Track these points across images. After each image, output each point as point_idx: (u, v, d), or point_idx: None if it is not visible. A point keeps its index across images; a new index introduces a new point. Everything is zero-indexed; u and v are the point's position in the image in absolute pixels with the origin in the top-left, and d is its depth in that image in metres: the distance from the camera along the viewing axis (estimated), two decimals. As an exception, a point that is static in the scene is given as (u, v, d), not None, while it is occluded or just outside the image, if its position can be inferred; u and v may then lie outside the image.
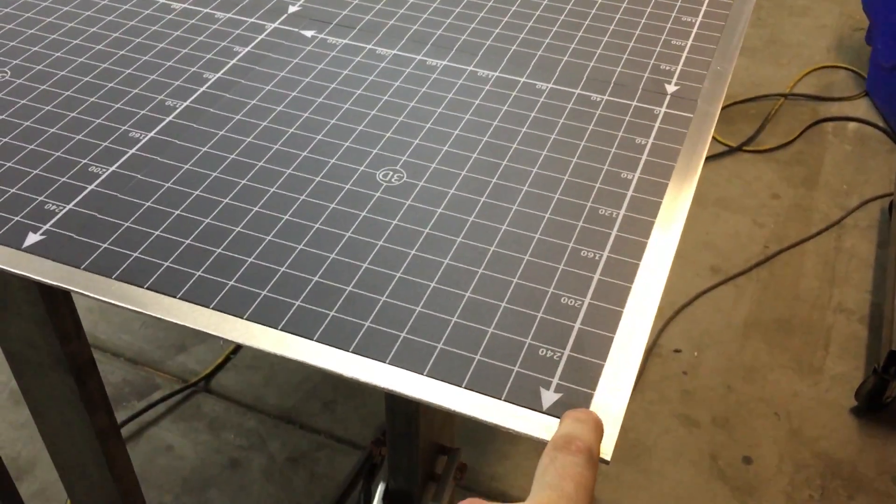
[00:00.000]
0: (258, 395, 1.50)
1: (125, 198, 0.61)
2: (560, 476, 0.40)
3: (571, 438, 0.42)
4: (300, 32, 0.79)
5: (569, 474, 0.40)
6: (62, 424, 0.83)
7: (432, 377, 0.50)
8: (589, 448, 0.42)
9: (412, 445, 0.69)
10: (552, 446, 0.43)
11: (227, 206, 0.61)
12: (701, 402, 1.49)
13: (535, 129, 0.68)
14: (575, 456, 0.41)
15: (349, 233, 0.59)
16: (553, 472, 0.40)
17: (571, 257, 0.57)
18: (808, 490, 1.36)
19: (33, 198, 0.61)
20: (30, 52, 0.76)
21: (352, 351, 0.51)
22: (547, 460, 0.41)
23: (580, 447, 0.42)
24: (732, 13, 0.81)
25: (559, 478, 0.40)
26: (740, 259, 1.75)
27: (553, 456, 0.42)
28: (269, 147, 0.66)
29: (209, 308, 0.54)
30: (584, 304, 0.54)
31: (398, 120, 0.69)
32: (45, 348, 0.75)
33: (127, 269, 0.56)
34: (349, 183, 0.63)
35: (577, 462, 0.41)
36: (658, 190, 0.62)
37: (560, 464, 0.41)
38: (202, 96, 0.71)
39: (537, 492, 0.40)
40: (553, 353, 0.51)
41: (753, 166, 1.98)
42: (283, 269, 0.56)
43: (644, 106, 0.70)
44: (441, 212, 0.60)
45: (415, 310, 0.54)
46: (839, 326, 1.62)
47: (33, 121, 0.68)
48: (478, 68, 0.74)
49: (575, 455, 0.41)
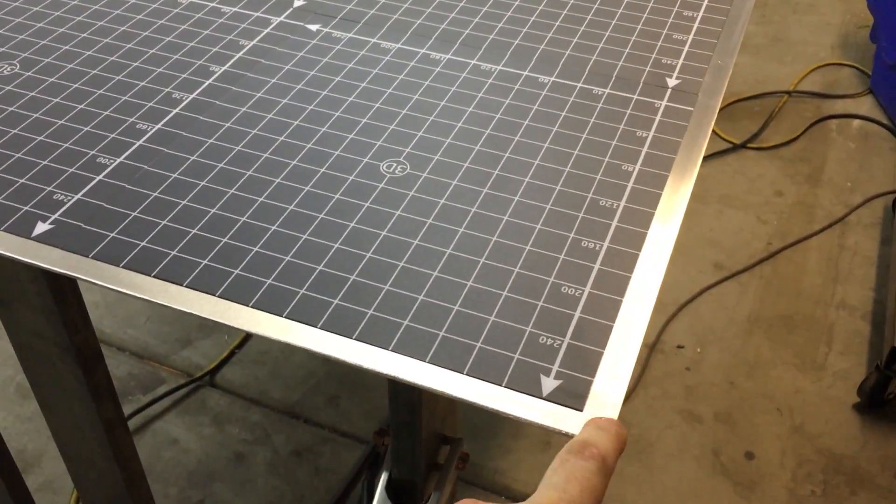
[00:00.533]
0: (263, 390, 1.51)
1: (132, 188, 0.62)
2: (567, 479, 0.39)
3: (587, 444, 0.41)
4: (305, 26, 0.80)
5: (576, 477, 0.39)
6: (69, 414, 0.84)
7: (434, 364, 0.51)
8: (603, 456, 0.41)
9: (415, 434, 0.70)
10: (566, 449, 0.42)
11: (232, 197, 0.62)
12: (704, 398, 1.50)
13: (537, 121, 0.68)
14: (587, 461, 0.40)
15: (353, 223, 0.60)
16: (561, 473, 0.40)
17: (572, 247, 0.58)
18: (811, 486, 1.37)
19: (42, 188, 0.62)
20: (38, 45, 0.77)
21: (355, 338, 0.52)
22: (558, 462, 0.41)
23: (594, 454, 0.41)
24: (734, 8, 0.82)
25: (565, 480, 0.39)
26: (744, 256, 1.75)
27: (565, 458, 0.41)
28: (274, 139, 0.67)
29: (215, 296, 0.55)
30: (584, 294, 0.55)
31: (402, 112, 0.69)
32: (52, 339, 0.76)
33: (134, 257, 0.57)
34: (353, 174, 0.64)
35: (586, 467, 0.40)
36: (658, 182, 0.63)
37: (570, 466, 0.40)
38: (208, 89, 0.72)
39: (541, 491, 0.39)
40: (553, 340, 0.52)
41: (757, 163, 1.98)
42: (287, 259, 0.57)
43: (645, 99, 0.71)
44: (444, 203, 0.61)
45: (417, 298, 0.54)
46: (842, 323, 1.62)
47: (42, 113, 0.69)
48: (481, 62, 0.75)
49: (587, 460, 0.40)
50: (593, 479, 0.40)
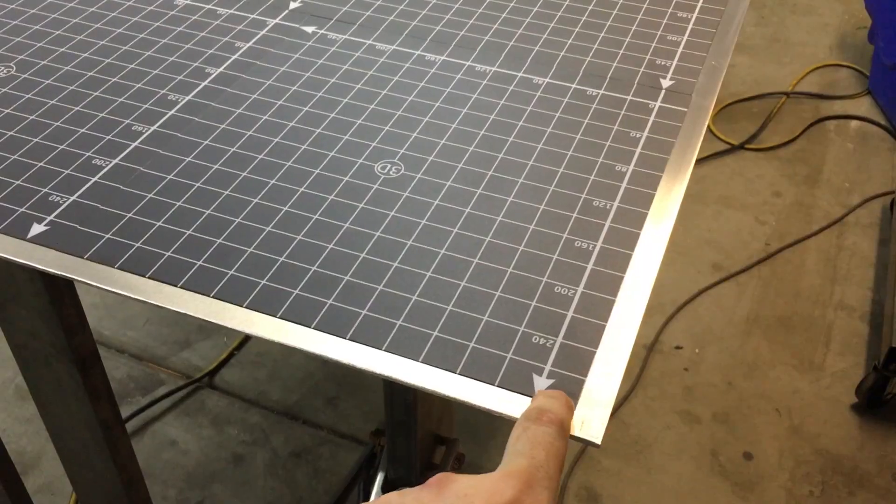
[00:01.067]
0: (262, 391, 1.52)
1: (128, 189, 0.62)
2: (531, 444, 0.41)
3: (543, 411, 0.43)
4: (301, 28, 0.80)
5: (540, 443, 0.41)
6: (66, 415, 0.84)
7: (427, 364, 0.51)
8: (560, 420, 0.43)
9: (410, 435, 0.70)
10: (524, 417, 0.43)
11: (227, 198, 0.62)
12: (702, 399, 1.50)
13: (531, 122, 0.69)
14: (547, 426, 0.42)
15: (347, 224, 0.60)
16: (525, 440, 0.41)
17: (565, 247, 0.58)
18: (809, 486, 1.37)
19: (38, 189, 0.62)
20: (35, 47, 0.77)
21: (349, 338, 0.52)
22: (519, 430, 0.42)
23: (552, 419, 0.43)
24: (728, 8, 0.82)
25: (530, 446, 0.41)
26: (742, 256, 1.75)
27: (525, 426, 0.42)
28: (269, 140, 0.67)
29: (210, 297, 0.55)
30: (577, 293, 0.55)
31: (396, 114, 0.70)
32: (49, 339, 0.76)
33: (129, 258, 0.57)
34: (348, 175, 0.64)
35: (548, 432, 0.42)
36: (652, 182, 0.63)
37: (532, 433, 0.42)
38: (204, 91, 0.72)
39: (509, 460, 0.40)
40: (546, 340, 0.52)
41: (755, 164, 1.99)
42: (282, 259, 0.57)
43: (639, 100, 0.71)
44: (438, 203, 0.61)
45: (411, 298, 0.55)
46: (840, 323, 1.62)
47: (38, 114, 0.69)
48: (476, 63, 0.75)
49: (547, 426, 0.42)
50: (556, 443, 0.42)
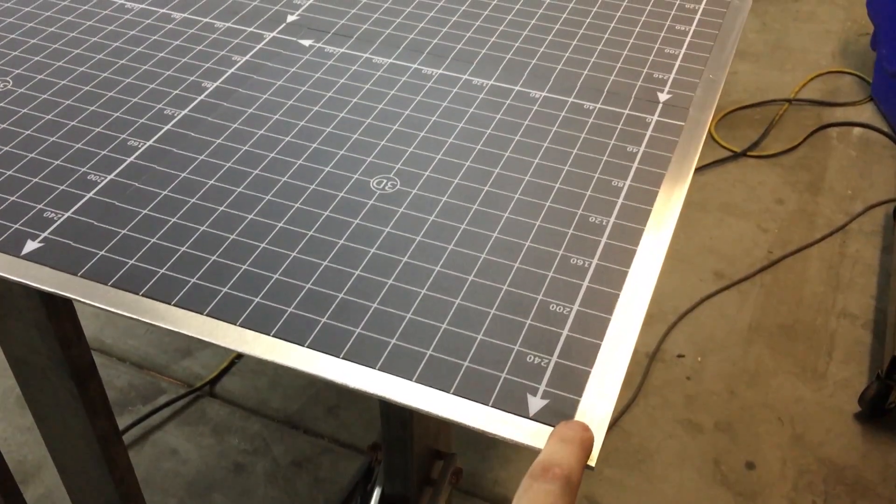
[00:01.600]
0: (262, 400, 1.51)
1: (123, 205, 0.62)
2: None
3: (549, 466, 0.42)
4: (298, 42, 0.80)
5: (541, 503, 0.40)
6: (63, 428, 0.84)
7: (421, 383, 0.51)
8: (566, 475, 0.42)
9: (407, 450, 0.70)
10: (529, 475, 0.42)
11: (222, 214, 0.62)
12: (704, 407, 1.49)
13: (528, 137, 0.68)
14: (550, 484, 0.41)
15: (342, 240, 0.60)
16: (526, 501, 0.41)
17: (561, 265, 0.58)
18: (811, 496, 1.36)
19: (32, 206, 0.62)
20: (31, 61, 0.77)
21: (342, 357, 0.52)
22: (521, 490, 0.42)
23: (557, 474, 0.42)
24: (726, 21, 0.82)
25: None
26: (744, 264, 1.75)
27: (527, 485, 0.42)
28: (265, 155, 0.67)
29: (203, 315, 0.55)
30: (572, 311, 0.55)
31: (393, 128, 0.69)
32: (46, 353, 0.76)
33: (123, 276, 0.57)
34: (343, 190, 0.64)
35: (550, 490, 0.41)
36: (648, 198, 0.63)
37: (534, 492, 0.41)
38: (200, 105, 0.72)
39: None
40: (541, 359, 0.52)
41: (758, 171, 1.98)
42: (276, 276, 0.57)
43: (636, 114, 0.70)
44: (433, 219, 0.61)
45: (405, 316, 0.54)
46: (843, 332, 1.62)
47: (34, 129, 0.69)
48: (472, 77, 0.75)
49: (551, 483, 0.41)
50: (559, 502, 0.40)
